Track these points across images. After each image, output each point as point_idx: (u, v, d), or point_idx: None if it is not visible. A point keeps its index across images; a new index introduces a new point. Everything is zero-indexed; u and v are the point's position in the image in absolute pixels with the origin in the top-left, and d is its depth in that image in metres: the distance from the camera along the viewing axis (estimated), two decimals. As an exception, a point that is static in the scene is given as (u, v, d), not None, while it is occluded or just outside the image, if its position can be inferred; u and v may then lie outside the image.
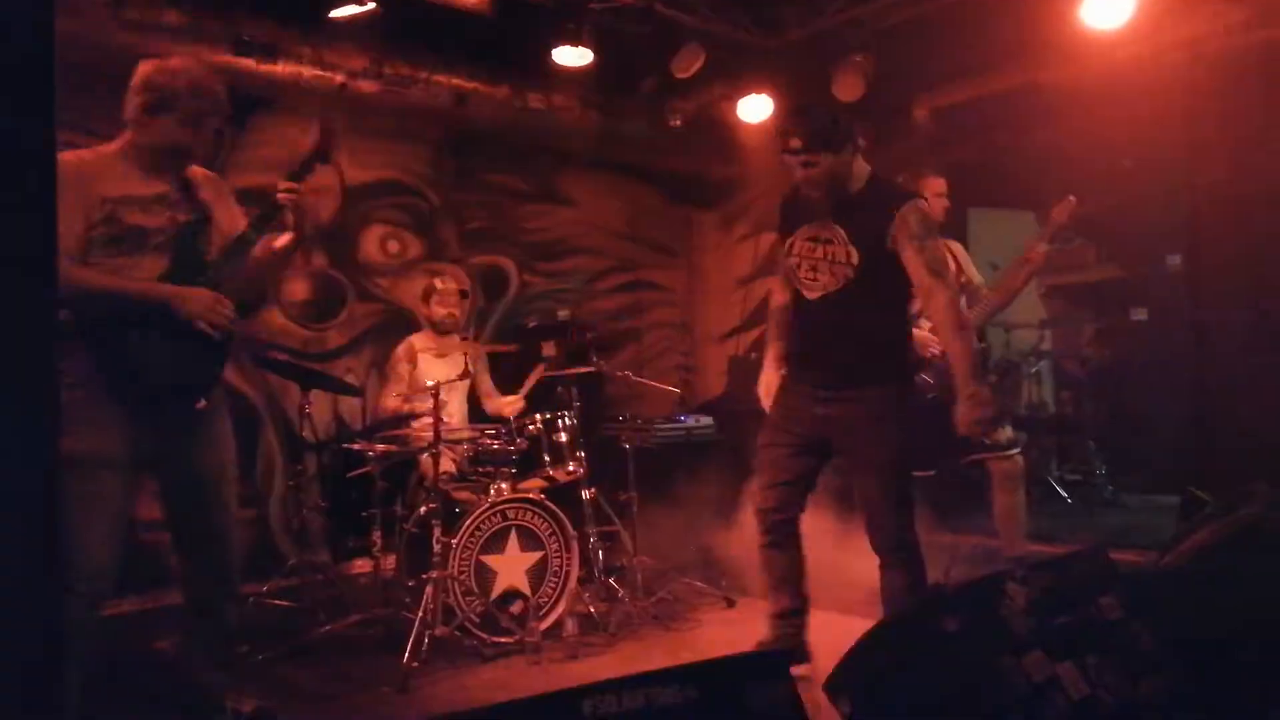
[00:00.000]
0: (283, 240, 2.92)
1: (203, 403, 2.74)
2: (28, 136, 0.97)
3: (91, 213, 2.59)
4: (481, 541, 3.98)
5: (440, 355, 4.91)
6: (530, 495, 4.18)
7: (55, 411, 0.99)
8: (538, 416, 4.42)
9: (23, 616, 0.96)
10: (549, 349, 5.84)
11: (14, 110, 0.95)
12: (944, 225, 4.43)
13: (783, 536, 3.46)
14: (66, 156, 2.61)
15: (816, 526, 3.67)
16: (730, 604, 4.53)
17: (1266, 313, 5.09)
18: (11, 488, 0.95)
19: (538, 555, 4.11)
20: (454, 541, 3.89)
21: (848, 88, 5.60)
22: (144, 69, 2.74)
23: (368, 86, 5.20)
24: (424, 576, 3.88)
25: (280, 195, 2.82)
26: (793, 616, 3.47)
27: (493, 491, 4.13)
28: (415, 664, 3.58)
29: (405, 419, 4.48)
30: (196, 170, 2.88)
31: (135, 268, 2.62)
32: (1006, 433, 4.23)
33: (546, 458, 4.46)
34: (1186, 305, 6.07)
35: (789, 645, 3.41)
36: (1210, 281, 5.65)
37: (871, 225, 3.18)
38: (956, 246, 4.45)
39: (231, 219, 2.91)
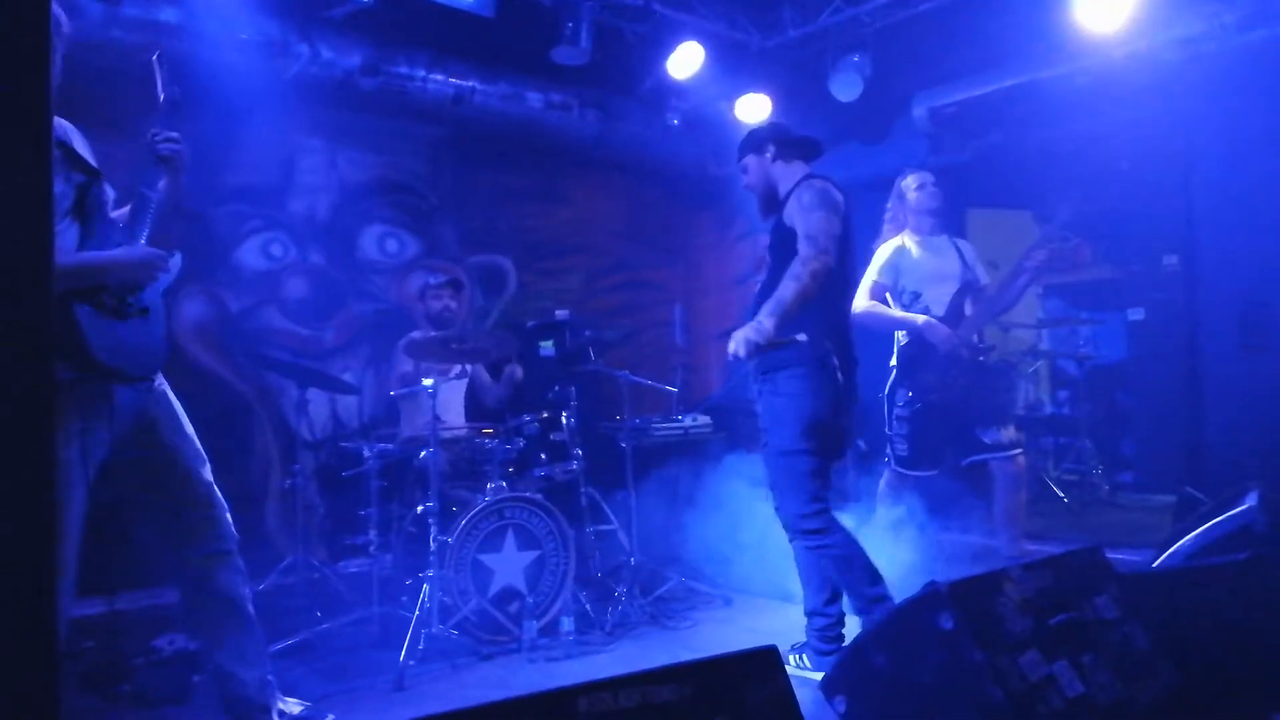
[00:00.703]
0: (166, 187, 2.74)
1: (160, 380, 2.67)
2: (24, 134, 0.97)
3: None
4: (479, 540, 3.98)
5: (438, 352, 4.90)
6: (527, 494, 4.18)
7: (50, 408, 0.99)
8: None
9: (19, 618, 0.96)
10: (547, 348, 5.85)
11: (9, 107, 0.95)
12: (940, 216, 4.43)
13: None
14: None
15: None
16: (727, 603, 4.53)
17: (1262, 313, 5.10)
18: (8, 487, 0.95)
19: (535, 554, 4.11)
20: (451, 540, 3.89)
21: (845, 87, 5.61)
22: None
23: (365, 84, 5.20)
24: (421, 575, 3.88)
25: (163, 146, 2.67)
26: (816, 615, 3.47)
27: (490, 490, 4.13)
28: (412, 662, 3.59)
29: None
30: (64, 123, 2.67)
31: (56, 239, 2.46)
32: (1009, 433, 4.23)
33: (544, 456, 4.46)
34: (1183, 305, 6.09)
35: (818, 644, 3.44)
36: (1206, 281, 5.67)
37: (781, 210, 3.47)
38: (964, 244, 4.47)
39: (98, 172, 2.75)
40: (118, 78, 4.04)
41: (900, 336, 4.36)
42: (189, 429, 2.80)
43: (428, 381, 4.10)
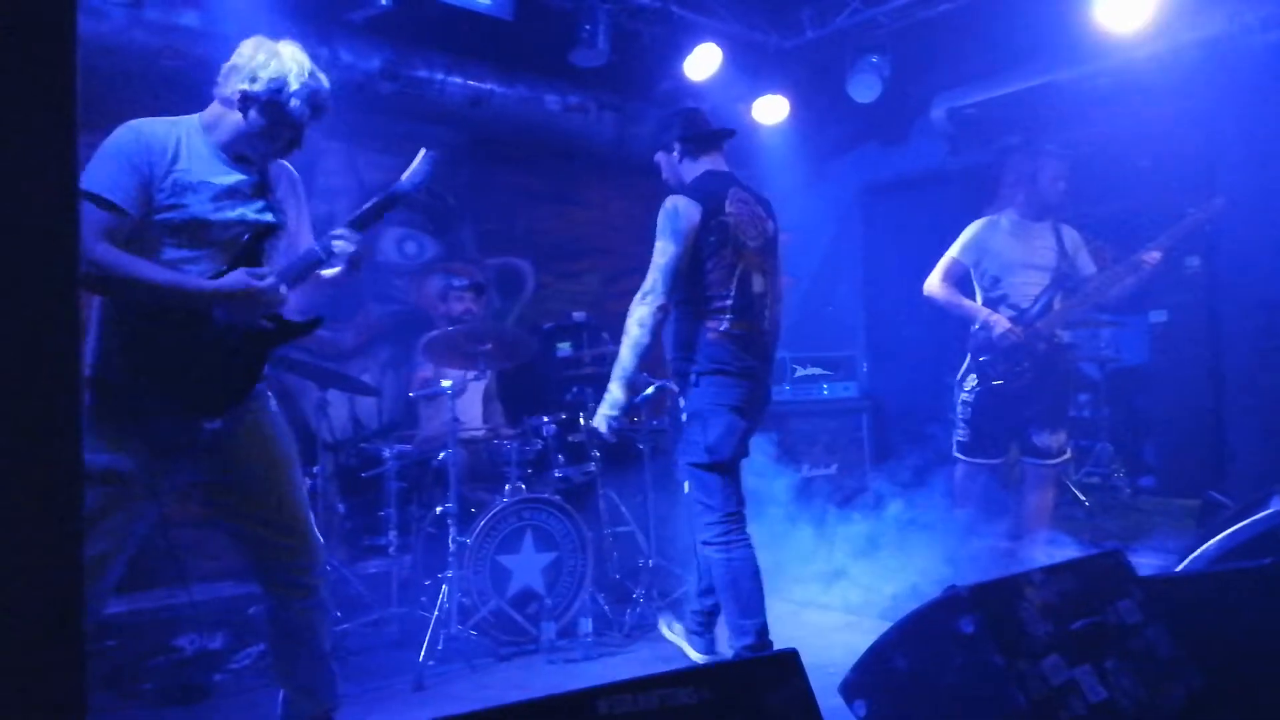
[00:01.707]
0: (333, 272, 2.72)
1: (217, 423, 2.43)
2: (50, 141, 0.97)
3: (155, 195, 2.32)
4: (497, 541, 3.99)
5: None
6: (545, 495, 4.19)
7: (75, 409, 0.99)
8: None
9: (42, 618, 0.97)
10: (564, 350, 5.85)
11: (36, 114, 0.96)
12: (1057, 209, 4.28)
13: None
14: (139, 123, 2.38)
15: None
16: (745, 605, 4.51)
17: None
18: (29, 489, 0.96)
19: (553, 555, 4.12)
20: (469, 541, 3.90)
21: (864, 88, 5.60)
22: (256, 48, 2.52)
23: (384, 88, 5.22)
24: (439, 576, 3.89)
25: (335, 243, 2.58)
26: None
27: (508, 491, 4.14)
28: (431, 663, 3.60)
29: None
30: (283, 168, 2.68)
31: (190, 263, 2.37)
32: (1060, 440, 4.19)
33: (562, 458, 4.47)
34: (1204, 307, 6.03)
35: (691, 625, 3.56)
36: (1228, 283, 5.62)
37: None
38: (1069, 231, 4.33)
39: (300, 224, 2.68)
40: (134, 80, 4.08)
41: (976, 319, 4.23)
42: (283, 455, 2.60)
43: (447, 383, 4.11)
